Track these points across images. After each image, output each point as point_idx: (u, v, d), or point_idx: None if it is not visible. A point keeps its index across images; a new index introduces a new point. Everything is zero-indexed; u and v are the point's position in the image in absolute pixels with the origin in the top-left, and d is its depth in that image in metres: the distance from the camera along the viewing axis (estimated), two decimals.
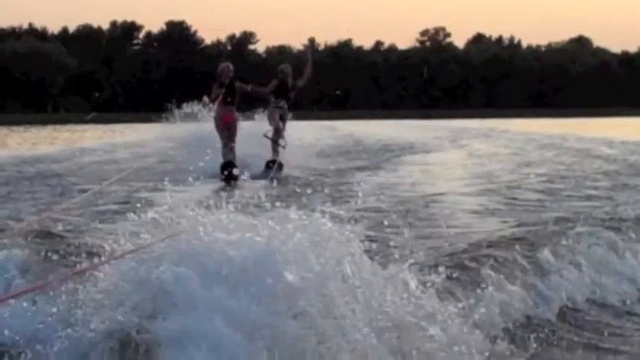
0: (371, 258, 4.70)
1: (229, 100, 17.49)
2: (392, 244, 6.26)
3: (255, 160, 17.58)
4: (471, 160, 22.80)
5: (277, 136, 18.09)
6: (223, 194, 10.05)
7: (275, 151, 17.96)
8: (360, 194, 12.66)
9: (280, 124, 18.20)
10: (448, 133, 43.11)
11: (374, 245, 4.97)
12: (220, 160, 16.85)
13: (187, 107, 20.96)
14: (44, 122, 73.54)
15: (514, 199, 12.31)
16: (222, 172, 16.14)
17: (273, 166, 16.96)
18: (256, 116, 21.29)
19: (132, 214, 4.88)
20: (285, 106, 18.19)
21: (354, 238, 4.60)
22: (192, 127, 20.43)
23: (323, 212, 4.63)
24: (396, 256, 5.03)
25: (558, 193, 13.09)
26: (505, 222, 9.69)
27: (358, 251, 4.58)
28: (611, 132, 39.24)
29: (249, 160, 17.52)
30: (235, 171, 15.61)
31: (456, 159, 23.45)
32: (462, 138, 37.35)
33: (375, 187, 14.40)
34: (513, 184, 14.74)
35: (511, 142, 32.16)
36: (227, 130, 17.52)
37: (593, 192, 13.09)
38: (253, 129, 19.26)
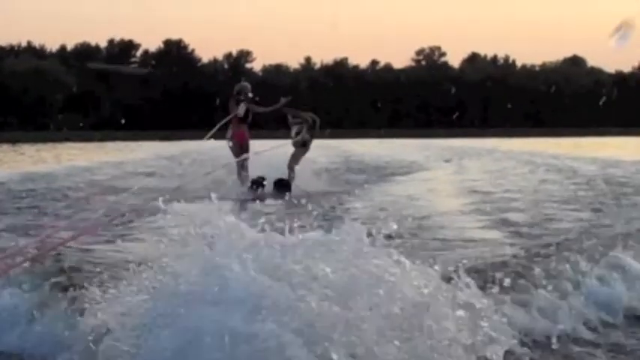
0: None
1: (243, 119, 18.46)
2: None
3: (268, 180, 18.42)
4: (481, 177, 23.23)
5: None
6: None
7: (292, 166, 18.89)
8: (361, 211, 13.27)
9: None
10: (447, 152, 43.36)
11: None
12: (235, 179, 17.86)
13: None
14: (46, 140, 73.56)
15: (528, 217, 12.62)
16: (251, 186, 17.53)
17: (283, 186, 17.95)
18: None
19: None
20: (302, 123, 19.33)
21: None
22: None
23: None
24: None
25: (560, 212, 13.42)
26: (504, 242, 9.91)
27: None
28: (606, 152, 39.60)
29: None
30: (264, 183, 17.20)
31: (466, 177, 23.77)
32: (464, 157, 37.39)
33: (378, 203, 14.94)
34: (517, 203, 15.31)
35: (516, 162, 31.98)
36: (240, 148, 18.43)
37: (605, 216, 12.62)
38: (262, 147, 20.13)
